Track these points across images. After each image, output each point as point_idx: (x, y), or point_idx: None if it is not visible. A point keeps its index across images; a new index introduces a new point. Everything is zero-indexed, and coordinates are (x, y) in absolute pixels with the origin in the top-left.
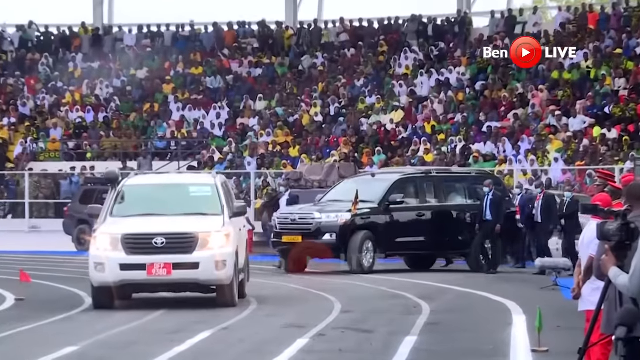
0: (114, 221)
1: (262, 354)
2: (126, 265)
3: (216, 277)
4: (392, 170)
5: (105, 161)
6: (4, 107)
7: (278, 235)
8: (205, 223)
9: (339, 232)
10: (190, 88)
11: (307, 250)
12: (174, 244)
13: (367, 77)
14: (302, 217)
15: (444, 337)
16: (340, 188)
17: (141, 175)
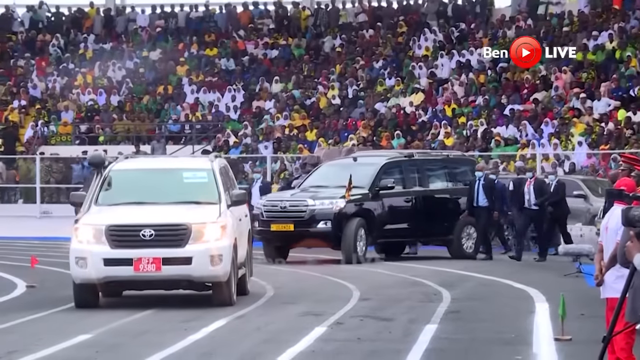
0: (98, 210)
1: (279, 343)
2: (111, 260)
3: (211, 273)
4: (372, 153)
5: (118, 145)
6: (14, 89)
7: (265, 223)
8: (200, 213)
9: (334, 220)
10: (204, 70)
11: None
12: (164, 236)
13: (386, 59)
14: (293, 204)
15: (465, 326)
16: (320, 172)
17: (130, 159)
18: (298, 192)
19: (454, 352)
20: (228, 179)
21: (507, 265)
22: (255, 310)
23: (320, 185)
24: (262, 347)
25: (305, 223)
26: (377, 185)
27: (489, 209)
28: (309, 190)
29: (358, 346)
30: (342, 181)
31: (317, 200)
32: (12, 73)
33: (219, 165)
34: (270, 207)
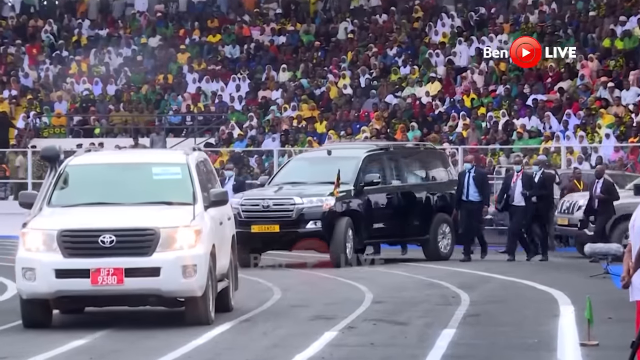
0: (50, 212)
1: (287, 349)
2: (63, 272)
3: (183, 287)
4: (345, 145)
5: (115, 137)
6: (4, 78)
7: (243, 224)
8: (171, 215)
9: (325, 220)
10: (207, 58)
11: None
12: (127, 242)
13: (401, 46)
14: (278, 202)
15: (485, 330)
16: (290, 168)
17: (91, 152)
18: (280, 190)
19: (473, 358)
20: (207, 175)
21: (529, 265)
22: (262, 314)
23: (294, 182)
24: (270, 352)
25: (292, 223)
26: (362, 180)
27: (481, 203)
28: (283, 188)
29: (371, 352)
30: (317, 177)
31: (304, 198)
32: (1, 61)
33: (196, 159)
34: (250, 207)
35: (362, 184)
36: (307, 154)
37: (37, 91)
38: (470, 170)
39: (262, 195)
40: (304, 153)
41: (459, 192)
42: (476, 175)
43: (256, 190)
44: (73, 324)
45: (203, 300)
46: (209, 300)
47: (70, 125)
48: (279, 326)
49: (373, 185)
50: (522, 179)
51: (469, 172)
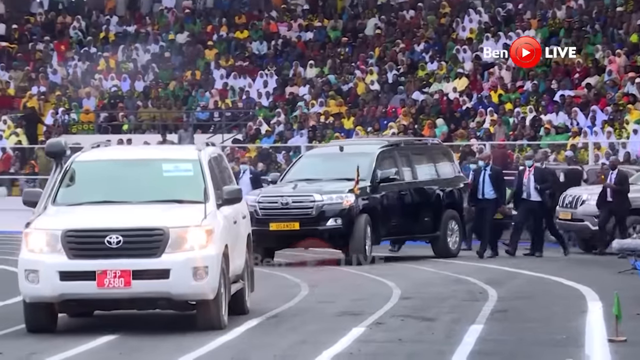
0: (56, 211)
1: (315, 345)
2: (68, 274)
3: (194, 290)
4: (357, 141)
5: (143, 134)
6: (32, 74)
7: (261, 222)
8: (181, 214)
9: (345, 217)
10: (234, 54)
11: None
12: (135, 243)
13: (428, 42)
14: (298, 199)
15: (512, 326)
16: (303, 164)
17: (100, 148)
18: (298, 187)
19: (501, 354)
20: (221, 172)
21: (557, 262)
22: (290, 310)
23: (308, 179)
24: (297, 348)
25: (312, 221)
26: (378, 176)
27: (497, 201)
28: (299, 185)
29: (399, 348)
30: (331, 173)
31: (324, 195)
32: (30, 58)
33: (209, 155)
34: (268, 204)
35: (378, 180)
36: (318, 150)
37: (66, 87)
38: (485, 168)
39: (280, 193)
40: (315, 149)
41: (473, 190)
42: (492, 173)
43: (272, 187)
44: (81, 328)
45: (215, 304)
46: (221, 304)
47: (98, 121)
48: (306, 322)
49: (389, 181)
50: (535, 173)
51: (484, 170)
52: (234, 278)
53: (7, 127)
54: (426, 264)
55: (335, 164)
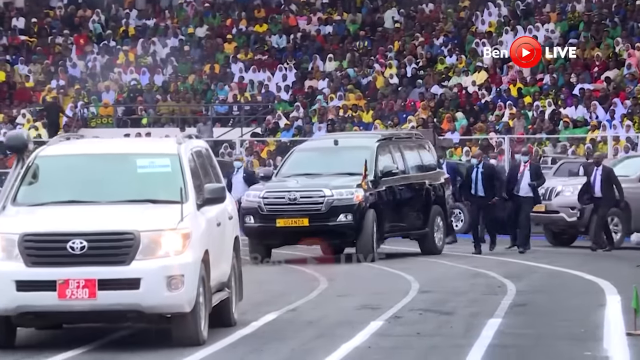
0: (15, 212)
1: (333, 338)
2: (25, 283)
3: (168, 302)
4: (350, 135)
5: (162, 127)
6: (52, 68)
7: (267, 218)
8: (154, 216)
9: (356, 212)
10: (254, 47)
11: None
12: (101, 249)
13: (447, 35)
14: (306, 194)
15: (531, 320)
16: (298, 158)
17: (67, 141)
18: (302, 182)
19: (519, 348)
20: (205, 168)
21: (576, 255)
22: (308, 304)
23: (307, 174)
24: (315, 342)
25: (322, 217)
26: (380, 171)
27: (489, 199)
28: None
29: (417, 341)
30: (330, 168)
31: (334, 190)
32: (49, 51)
33: (191, 149)
34: (274, 200)
35: (380, 175)
36: (311, 143)
37: (85, 81)
38: (478, 166)
39: (287, 188)
40: (307, 143)
41: (466, 186)
42: (485, 171)
43: (276, 182)
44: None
45: (193, 317)
46: (200, 317)
47: (117, 115)
48: (324, 315)
49: (391, 175)
50: (530, 169)
51: (476, 167)
52: (217, 286)
53: (27, 120)
54: (444, 258)
55: (332, 158)
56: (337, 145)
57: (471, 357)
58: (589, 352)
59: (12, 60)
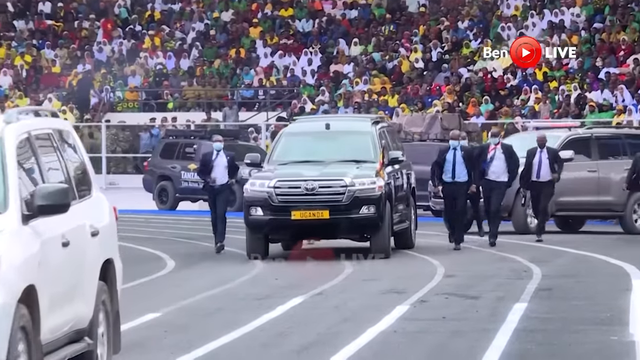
0: None
1: (359, 322)
2: None
3: None
4: (339, 117)
5: (188, 112)
6: (78, 52)
7: (279, 210)
8: None
9: (377, 204)
10: (279, 32)
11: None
12: None
13: (473, 19)
14: (325, 184)
15: (557, 304)
16: (289, 143)
17: None
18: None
19: (545, 332)
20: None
21: (602, 240)
22: (334, 288)
23: (304, 161)
24: (341, 326)
25: (343, 208)
26: (389, 158)
27: (469, 184)
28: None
29: (443, 326)
30: (329, 154)
31: (355, 179)
32: (76, 36)
33: (27, 130)
34: (288, 189)
35: (386, 163)
36: (300, 126)
37: (111, 65)
38: (456, 148)
39: (302, 176)
40: (296, 126)
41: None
42: (465, 154)
43: (287, 169)
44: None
45: None
46: None
47: (143, 99)
48: (350, 299)
49: (398, 163)
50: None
51: (454, 150)
52: (64, 339)
53: (53, 105)
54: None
55: (328, 143)
56: (328, 130)
57: (497, 341)
58: (614, 336)
59: (38, 45)
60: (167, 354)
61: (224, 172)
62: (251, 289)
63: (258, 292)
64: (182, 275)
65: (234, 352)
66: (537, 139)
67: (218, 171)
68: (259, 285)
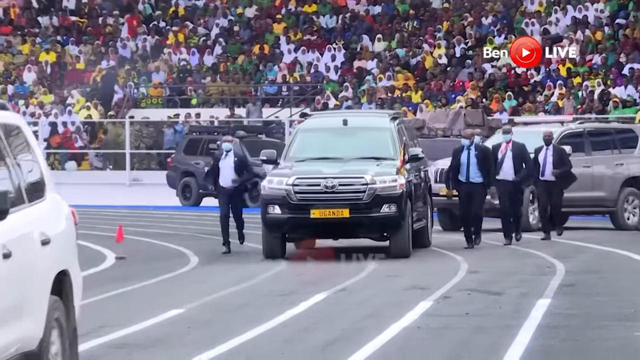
0: None
1: (382, 318)
2: None
3: None
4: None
5: (212, 107)
6: (102, 49)
7: (298, 209)
8: None
9: (399, 203)
10: (303, 28)
11: None
12: None
13: (496, 15)
14: (346, 182)
15: (581, 300)
16: (304, 140)
17: None
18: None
19: (569, 328)
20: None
21: (626, 235)
22: (358, 283)
23: (322, 158)
24: (365, 322)
25: (364, 207)
26: (409, 155)
27: (485, 185)
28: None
29: (466, 322)
30: (348, 151)
31: (377, 176)
32: (100, 32)
33: None
34: (307, 187)
35: (406, 160)
36: (316, 122)
37: (135, 62)
38: (470, 148)
39: (322, 173)
40: (312, 122)
41: (454, 172)
42: (479, 153)
43: (304, 166)
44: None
45: None
46: None
47: (167, 95)
48: (374, 295)
49: (417, 160)
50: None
51: (468, 149)
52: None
53: (77, 101)
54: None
55: (346, 139)
56: (346, 126)
57: (520, 337)
58: (638, 332)
59: (62, 41)
60: (190, 350)
61: (231, 174)
62: (274, 285)
63: (281, 288)
64: (205, 271)
65: (258, 348)
66: (544, 136)
67: (225, 173)
68: (282, 282)
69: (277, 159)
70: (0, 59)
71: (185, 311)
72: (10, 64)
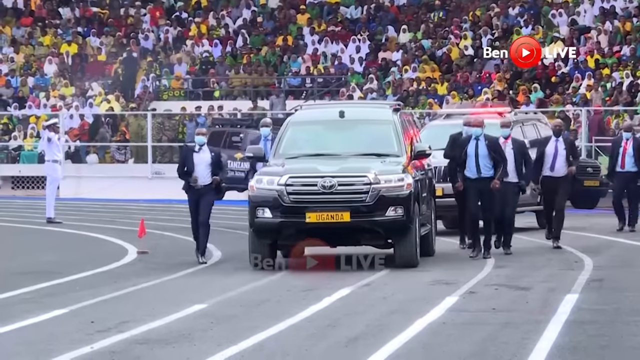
0: None
1: (407, 314)
2: None
3: None
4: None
5: (234, 100)
6: (124, 40)
7: (292, 211)
8: None
9: (406, 205)
10: (327, 19)
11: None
12: None
13: (523, 6)
14: (346, 181)
15: (609, 295)
16: (296, 134)
17: None
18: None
19: (597, 323)
20: None
21: None
22: (382, 279)
23: (318, 154)
24: (389, 318)
25: (367, 210)
26: (414, 151)
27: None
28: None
29: (492, 317)
30: (346, 147)
31: (381, 175)
32: (121, 23)
33: None
34: (303, 187)
35: (412, 156)
36: (309, 114)
37: (157, 53)
38: (479, 138)
39: (318, 172)
40: (304, 113)
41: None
42: (490, 144)
43: (297, 164)
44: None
45: None
46: None
47: (189, 87)
48: (399, 291)
49: (425, 157)
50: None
51: (476, 139)
52: None
53: (98, 93)
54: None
55: (343, 134)
56: (343, 118)
57: (548, 333)
58: None
59: (84, 33)
60: (213, 345)
61: (206, 171)
62: (297, 280)
63: (304, 283)
64: (228, 266)
65: (281, 343)
66: (553, 126)
67: (200, 170)
68: (305, 277)
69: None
70: (21, 51)
71: (208, 306)
72: (31, 55)
